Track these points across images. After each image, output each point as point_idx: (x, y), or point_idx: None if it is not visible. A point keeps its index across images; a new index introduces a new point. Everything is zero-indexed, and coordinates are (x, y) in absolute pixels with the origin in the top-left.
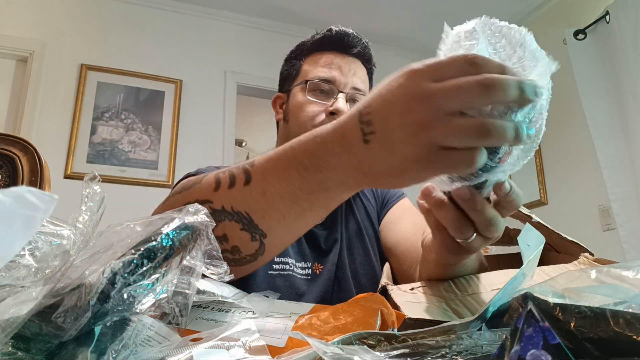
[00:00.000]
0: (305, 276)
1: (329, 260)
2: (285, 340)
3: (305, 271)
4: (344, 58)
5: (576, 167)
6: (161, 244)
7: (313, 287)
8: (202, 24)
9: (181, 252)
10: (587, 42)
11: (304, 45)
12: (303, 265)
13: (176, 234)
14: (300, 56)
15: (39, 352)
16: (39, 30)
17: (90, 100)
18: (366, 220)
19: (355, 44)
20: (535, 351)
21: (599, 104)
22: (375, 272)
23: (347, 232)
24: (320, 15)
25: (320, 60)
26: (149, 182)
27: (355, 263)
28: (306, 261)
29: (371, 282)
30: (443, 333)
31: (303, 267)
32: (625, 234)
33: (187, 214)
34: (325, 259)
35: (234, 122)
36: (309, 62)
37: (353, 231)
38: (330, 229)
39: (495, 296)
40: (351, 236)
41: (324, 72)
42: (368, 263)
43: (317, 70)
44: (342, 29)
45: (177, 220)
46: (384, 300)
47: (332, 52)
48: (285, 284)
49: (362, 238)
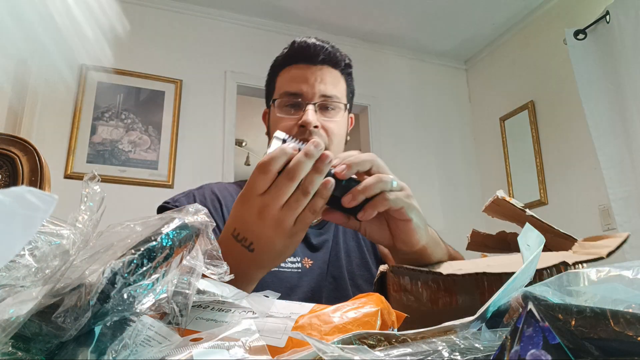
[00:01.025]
0: (296, 269)
1: (319, 257)
2: (285, 340)
3: (295, 265)
4: (310, 68)
5: (576, 167)
6: (161, 244)
7: (304, 281)
8: (202, 24)
9: (181, 252)
10: (587, 42)
11: (277, 61)
12: (292, 259)
13: (176, 234)
14: (275, 72)
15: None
16: (39, 30)
17: (90, 100)
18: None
19: (318, 52)
20: (535, 351)
21: (599, 104)
22: (372, 274)
23: (345, 236)
24: (320, 15)
25: (287, 75)
26: (149, 182)
27: (352, 264)
28: (295, 256)
29: (367, 283)
30: (443, 333)
31: (292, 261)
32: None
33: (187, 214)
34: (314, 254)
35: (234, 122)
36: (281, 78)
37: (350, 236)
38: (323, 228)
39: (495, 296)
40: (348, 240)
41: (291, 86)
42: (364, 265)
43: (285, 86)
44: (303, 40)
45: (177, 220)
46: (384, 300)
47: (298, 65)
48: (273, 279)
49: (358, 242)
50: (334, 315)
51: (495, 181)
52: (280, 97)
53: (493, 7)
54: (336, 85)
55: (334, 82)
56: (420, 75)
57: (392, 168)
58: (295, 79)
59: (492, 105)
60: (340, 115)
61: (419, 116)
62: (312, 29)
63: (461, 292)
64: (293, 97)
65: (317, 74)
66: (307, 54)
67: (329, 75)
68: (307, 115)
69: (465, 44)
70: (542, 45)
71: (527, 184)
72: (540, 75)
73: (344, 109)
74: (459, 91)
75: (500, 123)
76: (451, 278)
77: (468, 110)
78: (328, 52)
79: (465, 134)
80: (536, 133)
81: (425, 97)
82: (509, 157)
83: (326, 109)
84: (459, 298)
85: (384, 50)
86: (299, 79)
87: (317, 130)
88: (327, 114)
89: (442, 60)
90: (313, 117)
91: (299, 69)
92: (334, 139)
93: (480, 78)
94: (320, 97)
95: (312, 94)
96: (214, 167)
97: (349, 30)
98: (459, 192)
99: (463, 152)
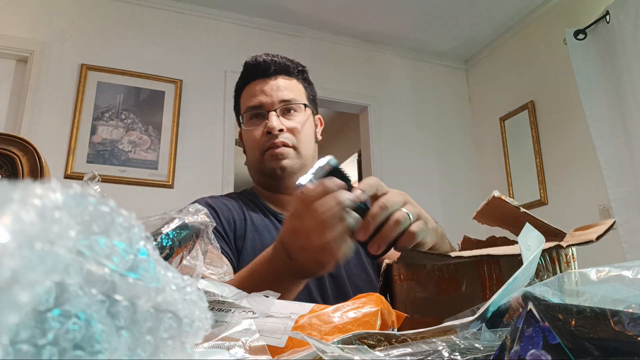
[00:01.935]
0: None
1: None
2: (285, 340)
3: None
4: (265, 81)
5: (576, 167)
6: (161, 244)
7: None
8: (202, 24)
9: (181, 252)
10: (587, 42)
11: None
12: None
13: (176, 234)
14: (238, 94)
15: None
16: (39, 30)
17: (90, 100)
18: None
19: (269, 66)
20: (535, 351)
21: (599, 104)
22: (368, 274)
23: None
24: (320, 15)
25: (248, 92)
26: (149, 182)
27: (349, 265)
28: None
29: (364, 282)
30: (443, 333)
31: None
32: (625, 234)
33: (187, 214)
34: None
35: (234, 122)
36: (243, 97)
37: None
38: None
39: (495, 296)
40: None
41: (252, 101)
42: (360, 265)
43: (247, 102)
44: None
45: (177, 220)
46: (384, 300)
47: (255, 81)
48: None
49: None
50: (334, 315)
51: (495, 181)
52: (245, 111)
53: (493, 7)
54: (292, 90)
55: (290, 87)
56: (420, 75)
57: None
58: (254, 93)
59: (492, 105)
60: (301, 115)
61: (419, 116)
62: (312, 29)
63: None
64: (256, 109)
65: (272, 84)
66: (260, 69)
67: (283, 83)
68: (271, 122)
69: (465, 44)
70: (542, 45)
71: (527, 184)
72: (540, 75)
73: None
74: (458, 91)
75: (500, 123)
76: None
77: (468, 110)
78: (279, 63)
79: (465, 134)
80: (536, 133)
81: (425, 97)
82: (509, 157)
83: (288, 111)
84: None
85: (384, 50)
86: (257, 93)
87: (283, 133)
88: (288, 116)
89: (442, 60)
90: (277, 122)
91: (257, 84)
92: (300, 137)
93: (480, 78)
94: (279, 102)
95: (271, 103)
96: (214, 167)
97: (348, 30)
98: (459, 192)
99: (463, 152)
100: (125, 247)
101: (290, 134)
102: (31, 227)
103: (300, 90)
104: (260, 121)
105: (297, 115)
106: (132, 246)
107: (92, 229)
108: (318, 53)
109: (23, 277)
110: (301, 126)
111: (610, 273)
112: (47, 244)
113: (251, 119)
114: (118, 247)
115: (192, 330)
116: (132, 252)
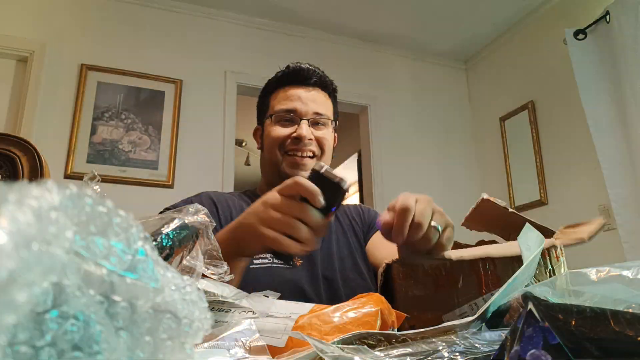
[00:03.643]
0: (287, 266)
1: (309, 259)
2: (285, 340)
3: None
4: (303, 89)
5: (576, 167)
6: (161, 244)
7: (297, 275)
8: (202, 24)
9: (181, 252)
10: (587, 42)
11: (270, 83)
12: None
13: (176, 234)
14: (268, 93)
15: None
16: (39, 30)
17: (90, 100)
18: (353, 236)
19: (311, 75)
20: (535, 351)
21: (599, 104)
22: (363, 277)
23: (338, 244)
24: (320, 15)
25: (283, 95)
26: (149, 182)
27: (345, 269)
28: None
29: (360, 285)
30: (443, 333)
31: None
32: (625, 234)
33: (187, 214)
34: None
35: (234, 122)
36: (275, 98)
37: (342, 243)
38: None
39: (495, 296)
40: (341, 247)
41: (286, 104)
42: (356, 269)
43: (280, 104)
44: (297, 64)
45: (177, 220)
46: (384, 300)
47: (292, 86)
48: (267, 273)
49: (350, 249)
50: (334, 315)
51: (495, 181)
52: (277, 113)
53: (493, 7)
54: (324, 104)
55: (324, 102)
56: (420, 75)
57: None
58: (290, 97)
59: (492, 105)
60: (327, 130)
61: (419, 116)
62: (312, 29)
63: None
64: (288, 113)
65: (310, 94)
66: (301, 77)
67: (319, 96)
68: (301, 129)
69: (465, 44)
70: (542, 45)
71: (527, 184)
72: (540, 75)
73: (331, 125)
74: (458, 91)
75: (500, 123)
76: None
77: (468, 110)
78: (319, 76)
79: (465, 134)
80: (536, 133)
81: (425, 97)
82: (509, 157)
83: (317, 124)
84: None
85: (384, 50)
86: (294, 98)
87: (310, 142)
88: (317, 128)
89: (442, 60)
90: (307, 131)
91: (294, 89)
92: (325, 149)
93: (480, 78)
94: (312, 114)
95: (305, 111)
96: (214, 167)
97: (349, 30)
98: (459, 192)
99: (463, 152)
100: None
101: (316, 143)
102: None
103: (330, 106)
104: (289, 124)
105: (324, 129)
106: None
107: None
108: (318, 53)
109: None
110: (327, 140)
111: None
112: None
113: (280, 121)
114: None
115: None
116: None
